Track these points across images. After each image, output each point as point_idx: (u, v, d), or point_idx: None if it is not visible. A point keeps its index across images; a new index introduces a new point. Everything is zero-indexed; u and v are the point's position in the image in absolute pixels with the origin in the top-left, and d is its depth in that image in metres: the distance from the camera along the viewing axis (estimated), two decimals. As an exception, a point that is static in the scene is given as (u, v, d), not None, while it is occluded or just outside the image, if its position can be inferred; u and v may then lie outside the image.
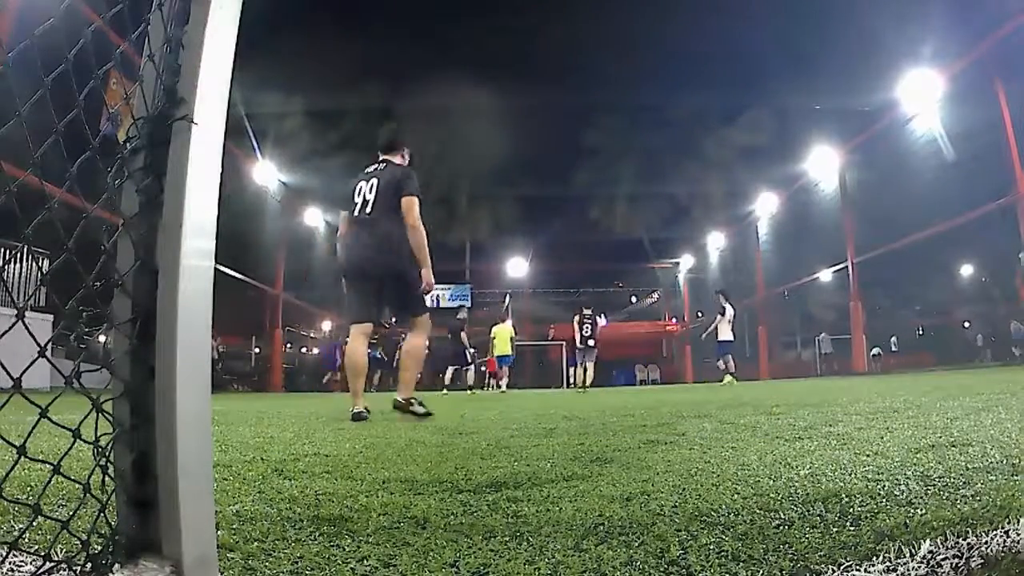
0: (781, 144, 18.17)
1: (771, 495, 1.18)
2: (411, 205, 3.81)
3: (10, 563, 0.77)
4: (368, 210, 3.82)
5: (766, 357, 22.35)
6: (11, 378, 0.60)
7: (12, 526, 1.01)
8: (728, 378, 11.44)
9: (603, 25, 15.71)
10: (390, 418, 3.79)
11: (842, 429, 2.24)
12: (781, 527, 0.97)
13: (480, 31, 15.32)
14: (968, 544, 0.83)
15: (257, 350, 24.08)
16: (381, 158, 4.06)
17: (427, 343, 4.12)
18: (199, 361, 0.69)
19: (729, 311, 12.04)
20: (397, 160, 4.09)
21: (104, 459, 0.68)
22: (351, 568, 0.85)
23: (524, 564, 0.86)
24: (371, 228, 3.82)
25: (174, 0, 0.74)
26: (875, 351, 20.24)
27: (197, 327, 0.69)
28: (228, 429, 3.00)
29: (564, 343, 16.75)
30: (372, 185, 3.88)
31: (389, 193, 3.81)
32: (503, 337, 14.25)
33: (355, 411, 3.67)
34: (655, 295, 29.35)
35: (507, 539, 0.97)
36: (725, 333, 12.04)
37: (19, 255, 8.24)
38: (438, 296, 28.03)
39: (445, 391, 12.24)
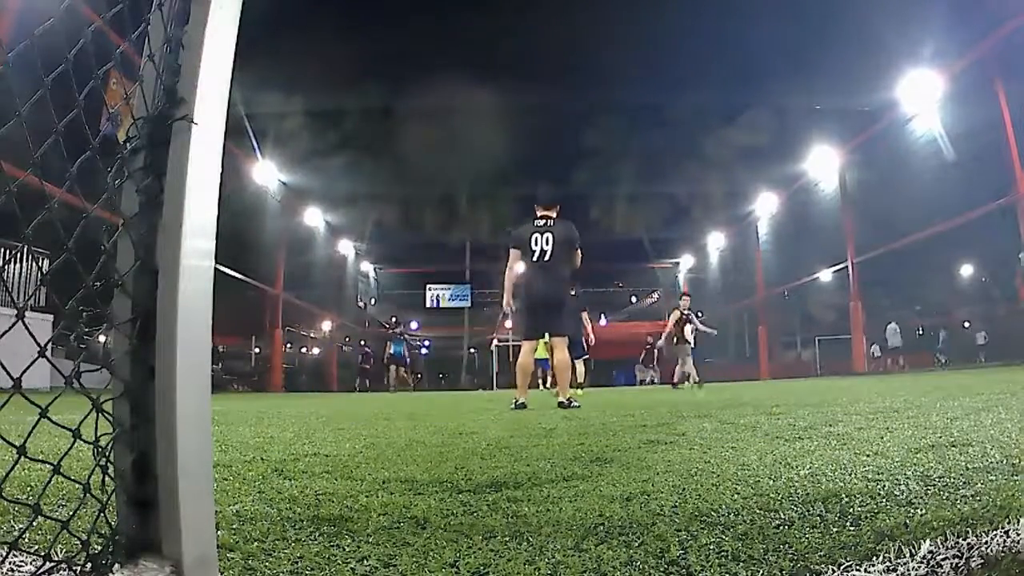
0: (781, 144, 18.16)
1: (771, 495, 1.18)
2: (579, 255, 5.35)
3: (10, 563, 0.77)
4: (547, 258, 5.16)
5: (766, 357, 22.35)
6: (11, 378, 0.59)
7: (12, 526, 1.01)
8: (689, 383, 11.53)
9: (603, 25, 15.70)
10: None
11: (842, 429, 2.24)
12: (781, 527, 0.97)
13: (480, 31, 15.32)
14: (968, 544, 0.83)
15: (257, 350, 24.09)
16: (542, 213, 5.34)
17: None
18: (199, 361, 0.69)
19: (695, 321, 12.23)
20: (553, 214, 5.35)
21: (104, 459, 0.68)
22: (351, 568, 0.85)
23: (524, 564, 0.86)
24: (549, 272, 5.18)
25: (174, 0, 0.74)
26: (874, 349, 20.24)
27: (197, 327, 0.69)
28: (228, 429, 3.00)
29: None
30: (547, 238, 5.18)
31: (565, 246, 5.18)
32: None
33: (519, 402, 4.88)
34: (655, 295, 29.35)
35: (507, 539, 0.97)
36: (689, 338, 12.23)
37: (19, 255, 8.25)
38: (438, 296, 28.07)
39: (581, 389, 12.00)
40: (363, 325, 28.56)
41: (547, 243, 5.15)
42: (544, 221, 5.26)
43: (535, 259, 5.16)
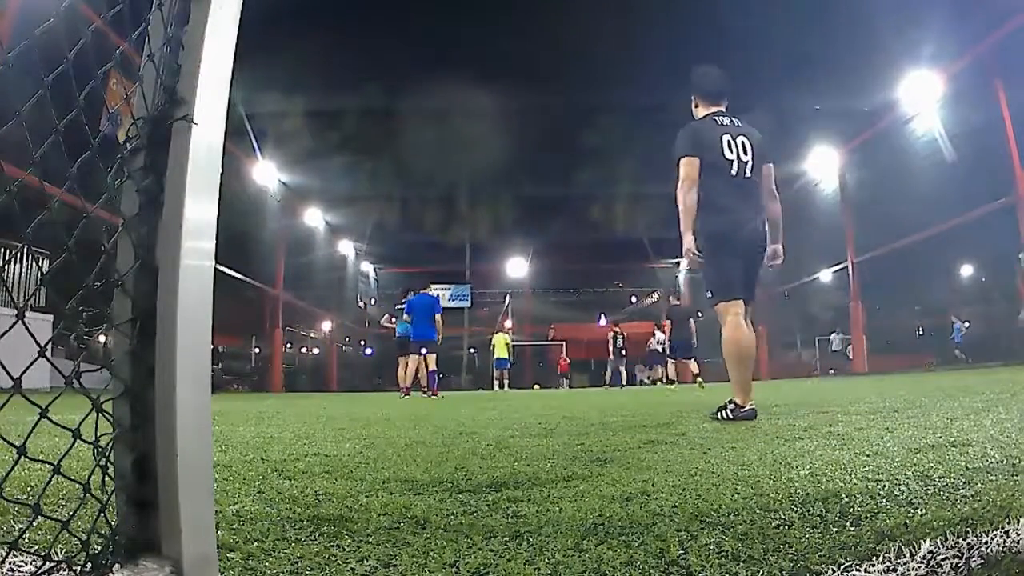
0: (781, 144, 18.16)
1: (771, 495, 1.18)
2: (772, 173, 3.46)
3: (10, 563, 0.77)
4: (748, 173, 3.29)
5: (766, 357, 22.36)
6: (11, 378, 0.60)
7: (12, 526, 1.01)
8: (673, 384, 11.60)
9: (603, 25, 15.69)
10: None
11: (842, 429, 2.24)
12: (781, 527, 0.97)
13: (480, 31, 15.31)
14: (968, 544, 0.83)
15: (257, 350, 24.09)
16: (716, 108, 3.46)
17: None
18: (199, 361, 0.69)
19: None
20: (724, 109, 3.49)
21: (104, 459, 0.68)
22: (351, 568, 0.85)
23: (524, 564, 0.86)
24: (751, 197, 3.33)
25: (174, 0, 0.74)
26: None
27: (197, 327, 0.69)
28: (228, 429, 3.00)
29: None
30: (744, 144, 3.31)
31: (759, 156, 3.35)
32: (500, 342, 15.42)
33: (750, 407, 3.03)
34: (655, 295, 29.34)
35: (507, 539, 0.97)
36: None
37: (19, 255, 8.25)
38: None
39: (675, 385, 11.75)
40: (363, 325, 28.56)
41: (744, 151, 3.30)
42: (728, 120, 3.39)
43: (732, 173, 3.26)
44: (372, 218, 24.33)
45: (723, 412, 3.06)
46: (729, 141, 3.29)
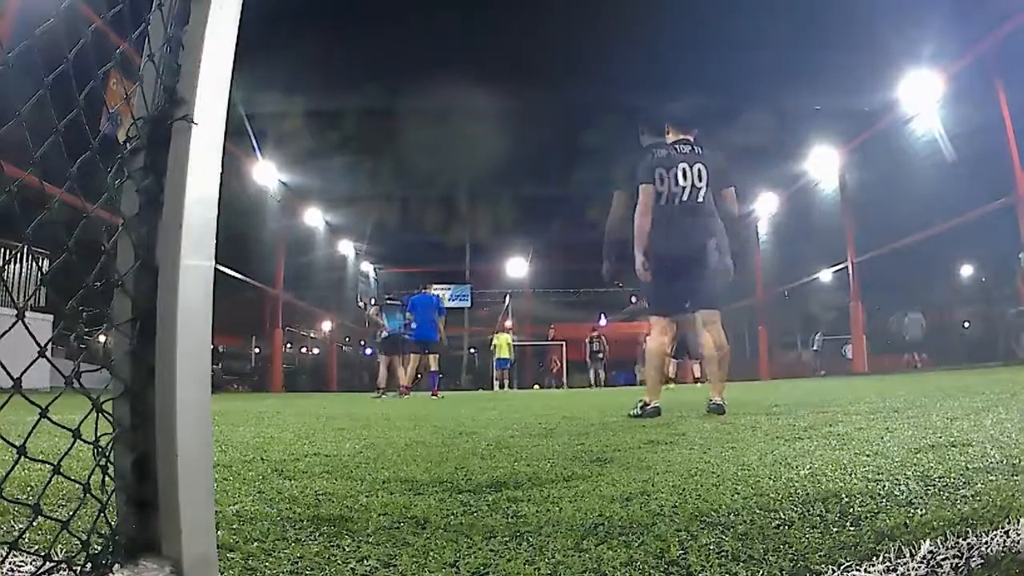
0: (781, 144, 18.16)
1: (771, 495, 1.18)
2: (733, 196, 3.74)
3: (10, 563, 0.77)
4: (700, 199, 3.60)
5: (766, 357, 22.35)
6: (11, 378, 0.60)
7: (12, 526, 1.01)
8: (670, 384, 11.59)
9: (603, 25, 15.69)
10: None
11: (842, 429, 2.24)
12: (781, 527, 0.97)
13: (480, 31, 15.31)
14: (968, 544, 0.83)
15: (257, 350, 24.08)
16: (681, 137, 3.75)
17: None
18: (199, 361, 0.69)
19: None
20: (692, 139, 3.77)
21: (104, 459, 0.68)
22: (351, 568, 0.85)
23: (524, 564, 0.86)
24: (699, 218, 3.62)
25: (174, 0, 0.74)
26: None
27: (197, 327, 0.69)
28: (228, 429, 3.00)
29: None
30: (700, 171, 3.61)
31: (717, 181, 3.65)
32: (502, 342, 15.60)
33: (652, 405, 3.49)
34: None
35: (507, 539, 0.97)
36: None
37: (19, 255, 8.25)
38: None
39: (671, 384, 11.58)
40: (363, 325, 28.55)
41: (699, 178, 3.59)
42: (689, 147, 3.68)
43: (683, 199, 3.60)
44: (372, 218, 24.32)
45: (634, 410, 3.53)
46: (685, 169, 3.63)
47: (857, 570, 0.79)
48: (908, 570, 0.78)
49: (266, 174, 18.70)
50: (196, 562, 0.64)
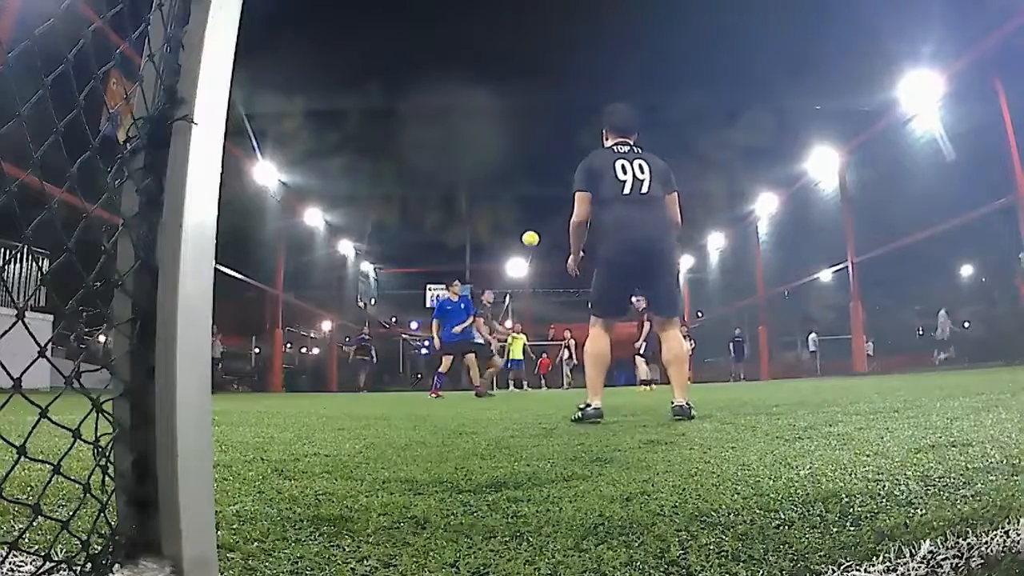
0: (781, 144, 18.16)
1: (771, 495, 1.18)
2: (676, 202, 3.61)
3: (10, 563, 0.77)
4: (644, 190, 3.42)
5: (766, 357, 22.35)
6: (11, 378, 0.60)
7: (12, 526, 1.01)
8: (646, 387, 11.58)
9: (603, 25, 15.69)
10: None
11: (842, 429, 2.24)
12: (781, 527, 0.97)
13: (480, 31, 15.31)
14: (968, 544, 0.83)
15: (257, 350, 24.08)
16: (620, 139, 3.64)
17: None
18: (199, 361, 0.69)
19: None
20: (631, 141, 3.66)
21: (104, 459, 0.68)
22: (351, 568, 0.85)
23: (524, 564, 0.86)
24: (648, 211, 3.44)
25: (174, 0, 0.74)
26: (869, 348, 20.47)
27: (197, 327, 0.69)
28: (228, 429, 3.00)
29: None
30: (640, 166, 3.46)
31: (660, 181, 3.49)
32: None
33: (592, 406, 3.28)
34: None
35: (507, 539, 0.97)
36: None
37: (19, 255, 8.25)
38: (438, 296, 28.06)
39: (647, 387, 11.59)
40: (363, 325, 28.55)
41: (641, 171, 3.44)
42: (628, 148, 3.57)
43: (625, 192, 3.41)
44: (372, 218, 24.33)
45: (575, 414, 3.34)
46: (624, 165, 3.47)
47: (857, 570, 0.79)
48: (908, 570, 0.78)
49: (266, 174, 18.70)
50: (196, 562, 0.64)
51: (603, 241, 3.49)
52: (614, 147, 3.60)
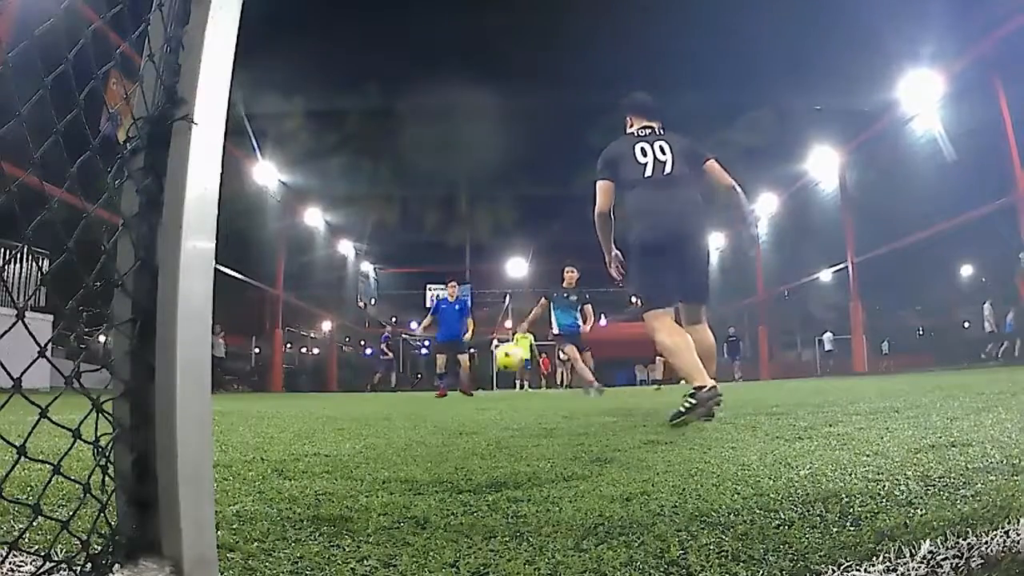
0: (781, 144, 18.18)
1: (771, 495, 1.18)
2: (716, 167, 3.39)
3: (10, 563, 0.77)
4: (667, 171, 3.25)
5: (766, 357, 22.36)
6: (11, 378, 0.60)
7: (12, 526, 1.01)
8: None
9: (603, 25, 15.71)
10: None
11: (842, 429, 2.24)
12: (781, 527, 0.97)
13: (480, 31, 15.32)
14: (968, 544, 0.83)
15: (257, 350, 24.09)
16: (644, 125, 3.47)
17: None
18: (199, 361, 0.69)
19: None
20: (655, 126, 3.48)
21: (104, 459, 0.68)
22: (351, 568, 0.85)
23: (524, 564, 0.86)
24: (676, 192, 3.25)
25: (174, 0, 0.74)
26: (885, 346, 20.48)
27: (197, 327, 0.69)
28: (228, 429, 3.00)
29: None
30: (661, 147, 3.30)
31: (685, 158, 3.31)
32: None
33: (710, 385, 2.87)
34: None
35: (507, 539, 0.97)
36: None
37: (19, 255, 8.25)
38: (438, 296, 28.13)
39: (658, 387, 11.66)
40: (363, 325, 28.55)
41: (662, 152, 3.29)
42: (650, 131, 3.42)
43: (647, 175, 3.26)
44: (372, 218, 24.35)
45: (686, 403, 2.83)
46: (643, 148, 3.32)
47: (857, 570, 0.79)
48: (908, 570, 0.78)
49: (266, 174, 18.70)
50: (196, 562, 0.64)
51: (631, 228, 3.30)
52: (636, 131, 3.46)
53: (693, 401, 2.79)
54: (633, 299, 3.64)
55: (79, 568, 0.65)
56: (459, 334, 9.13)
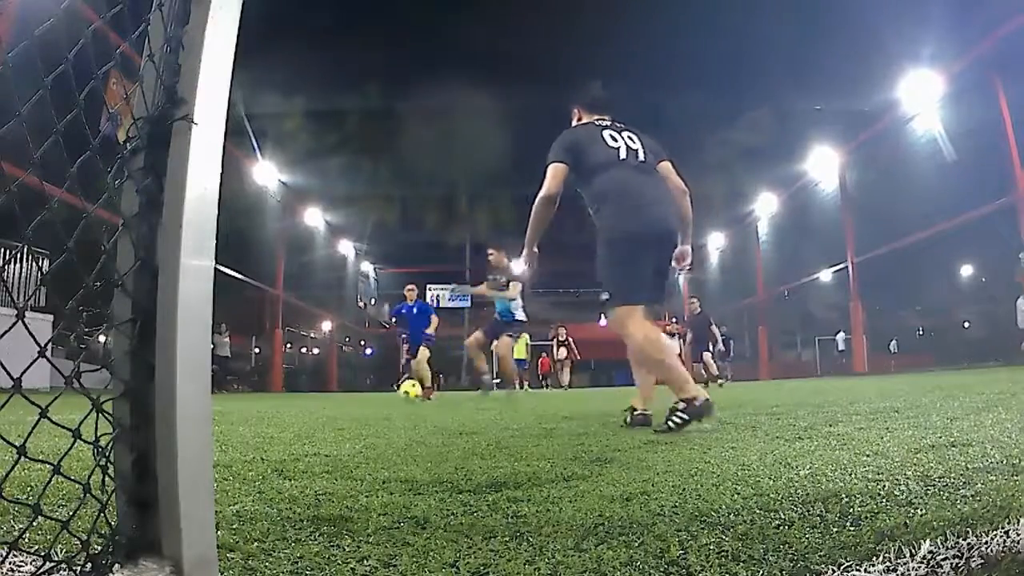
0: (781, 144, 18.18)
1: (771, 495, 1.18)
2: (673, 169, 3.15)
3: (10, 563, 0.77)
4: (641, 158, 3.00)
5: (766, 357, 22.36)
6: (11, 378, 0.60)
7: (12, 526, 1.01)
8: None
9: (603, 25, 15.71)
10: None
11: (842, 429, 2.24)
12: (781, 527, 0.97)
13: (480, 31, 15.32)
14: (968, 544, 0.83)
15: (257, 350, 24.10)
16: (597, 117, 3.25)
17: None
18: (199, 361, 0.69)
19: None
20: (608, 119, 3.26)
21: (104, 459, 0.68)
22: (351, 568, 0.85)
23: (524, 564, 0.86)
24: (650, 178, 3.01)
25: (174, 0, 0.74)
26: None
27: (197, 327, 0.69)
28: (228, 429, 3.00)
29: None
30: (631, 136, 3.07)
31: (652, 152, 3.09)
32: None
33: (638, 412, 2.93)
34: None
35: (507, 539, 0.97)
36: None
37: (19, 255, 8.25)
38: (438, 296, 28.12)
39: None
40: (363, 325, 28.55)
41: (632, 141, 3.05)
42: (609, 121, 3.18)
43: (621, 157, 2.99)
44: (372, 218, 24.35)
45: (675, 417, 2.61)
46: (612, 134, 3.06)
47: (857, 570, 0.79)
48: (908, 570, 0.78)
49: (266, 174, 18.71)
50: (196, 562, 0.64)
51: (603, 213, 3.00)
52: (594, 121, 3.19)
53: (685, 416, 2.58)
54: (604, 296, 3.16)
55: (79, 568, 0.65)
56: (421, 340, 9.17)
